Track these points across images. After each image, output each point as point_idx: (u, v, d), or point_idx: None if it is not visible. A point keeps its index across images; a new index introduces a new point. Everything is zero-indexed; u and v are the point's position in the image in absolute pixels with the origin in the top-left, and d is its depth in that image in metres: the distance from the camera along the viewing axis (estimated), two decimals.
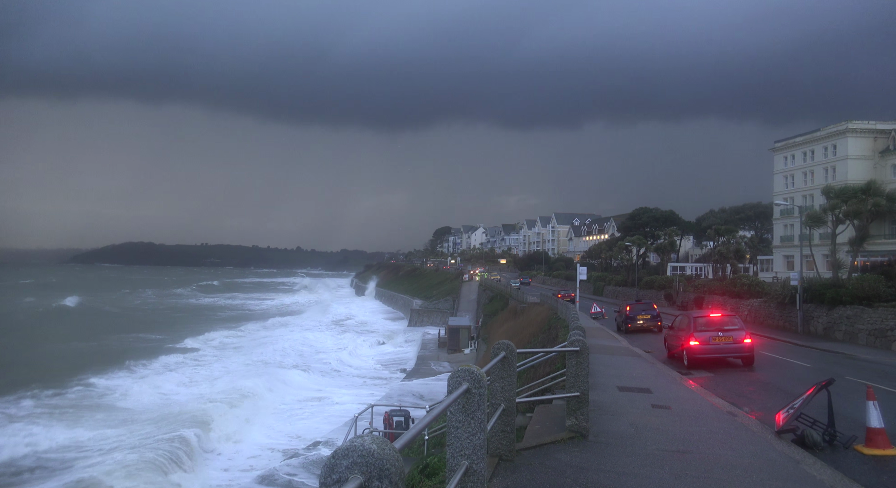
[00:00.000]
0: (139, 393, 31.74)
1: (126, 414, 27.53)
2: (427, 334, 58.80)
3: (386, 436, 18.68)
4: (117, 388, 32.83)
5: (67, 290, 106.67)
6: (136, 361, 41.03)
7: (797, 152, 65.83)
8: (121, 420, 26.43)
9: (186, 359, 44.42)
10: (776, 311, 36.10)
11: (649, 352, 23.53)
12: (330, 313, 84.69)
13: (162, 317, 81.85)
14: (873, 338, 27.09)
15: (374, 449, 2.39)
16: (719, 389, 15.40)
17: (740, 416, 11.31)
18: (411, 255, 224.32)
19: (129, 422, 25.89)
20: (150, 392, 32.29)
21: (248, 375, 36.02)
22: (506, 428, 7.11)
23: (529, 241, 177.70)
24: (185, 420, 24.87)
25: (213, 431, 24.29)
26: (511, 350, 6.94)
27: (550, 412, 10.88)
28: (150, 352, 46.51)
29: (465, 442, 4.85)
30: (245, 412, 27.73)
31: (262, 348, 49.74)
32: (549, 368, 16.21)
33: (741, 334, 19.96)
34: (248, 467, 21.97)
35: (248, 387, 31.66)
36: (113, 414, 27.54)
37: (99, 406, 29.41)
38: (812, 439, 9.64)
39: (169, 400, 31.07)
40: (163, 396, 31.99)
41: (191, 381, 36.03)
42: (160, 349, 48.45)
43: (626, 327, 33.89)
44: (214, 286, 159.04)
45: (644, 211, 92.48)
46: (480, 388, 4.83)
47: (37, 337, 54.84)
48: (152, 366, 40.00)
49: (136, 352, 45.33)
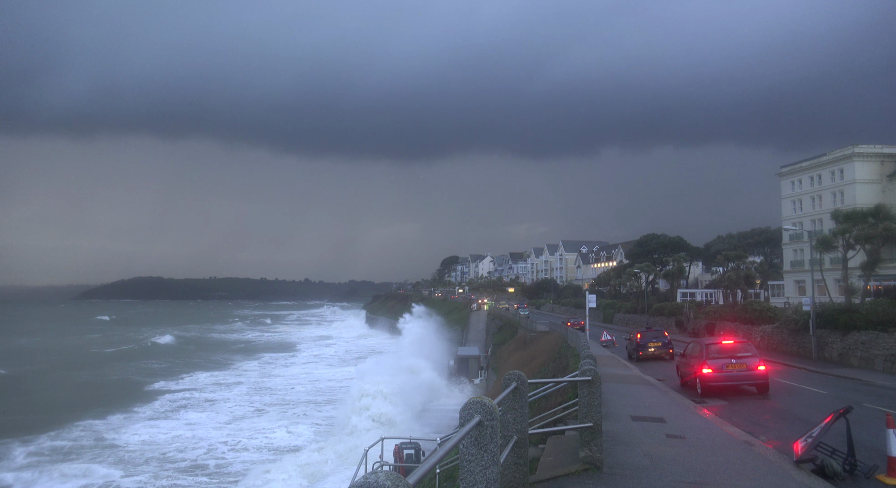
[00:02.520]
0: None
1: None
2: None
3: (397, 470, 18.43)
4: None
5: (155, 326, 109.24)
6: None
7: (804, 176, 65.82)
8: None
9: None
10: (789, 337, 35.67)
11: (662, 379, 23.25)
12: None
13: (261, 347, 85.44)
14: (890, 364, 26.65)
15: (388, 485, 2.36)
16: (734, 418, 15.15)
17: (757, 446, 11.09)
18: (419, 285, 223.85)
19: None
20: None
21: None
22: (519, 460, 6.99)
23: (537, 269, 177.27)
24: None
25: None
26: (522, 380, 6.87)
27: (563, 443, 10.71)
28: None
29: (478, 476, 4.77)
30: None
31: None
32: (561, 398, 16.01)
33: (755, 361, 19.71)
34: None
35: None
36: None
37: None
38: (832, 468, 9.42)
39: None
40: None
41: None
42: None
43: (638, 355, 33.54)
44: (265, 322, 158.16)
45: (652, 237, 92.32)
46: (493, 420, 4.77)
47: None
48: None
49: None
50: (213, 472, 27.28)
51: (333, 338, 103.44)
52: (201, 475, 26.84)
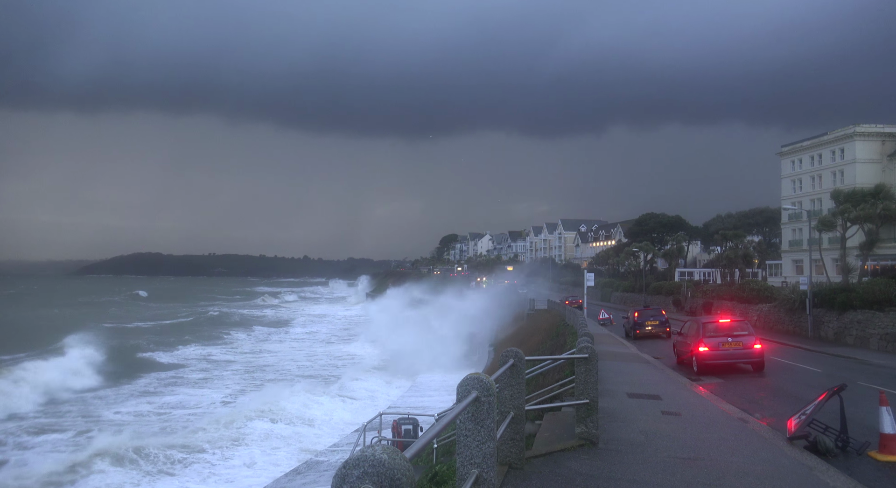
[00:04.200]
0: None
1: None
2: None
3: (395, 445, 18.60)
4: None
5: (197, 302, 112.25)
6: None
7: (804, 156, 65.57)
8: None
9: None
10: (786, 316, 35.86)
11: (658, 358, 23.41)
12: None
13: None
14: (885, 343, 26.86)
15: (385, 458, 2.39)
16: (729, 395, 15.30)
17: (751, 423, 11.22)
18: (418, 263, 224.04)
19: None
20: None
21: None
22: (515, 436, 7.08)
23: (536, 248, 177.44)
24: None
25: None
26: (520, 357, 6.92)
27: (560, 419, 10.83)
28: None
29: (474, 451, 4.83)
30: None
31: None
32: (558, 375, 16.15)
33: (751, 339, 19.84)
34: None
35: None
36: None
37: None
38: (824, 445, 9.54)
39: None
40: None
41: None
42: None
43: (635, 333, 33.74)
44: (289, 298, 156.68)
45: (651, 216, 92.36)
46: (490, 396, 4.82)
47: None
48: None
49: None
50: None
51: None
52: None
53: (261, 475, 21.90)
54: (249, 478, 21.36)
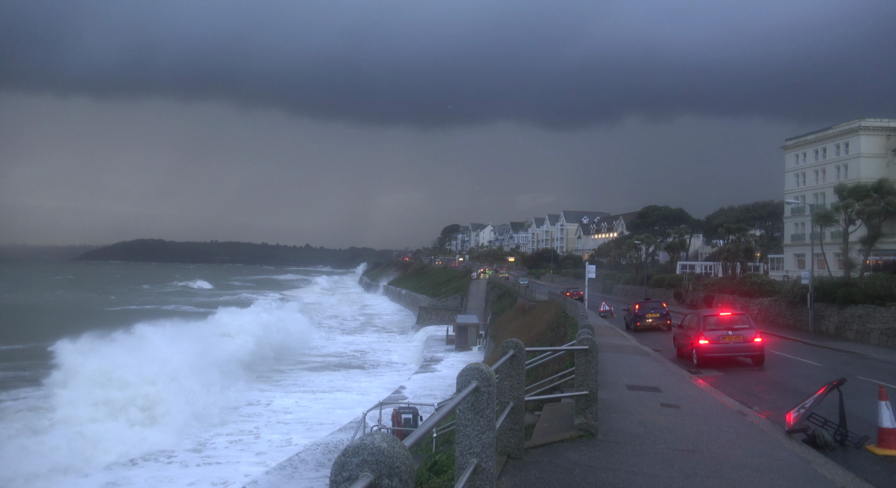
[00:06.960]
0: None
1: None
2: (432, 335, 58.68)
3: (394, 434, 18.69)
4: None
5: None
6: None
7: (809, 150, 65.30)
8: None
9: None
10: (787, 310, 35.86)
11: (658, 350, 23.44)
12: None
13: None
14: (885, 338, 26.87)
15: (384, 447, 2.39)
16: (729, 388, 15.32)
17: (750, 416, 11.25)
18: (419, 253, 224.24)
19: None
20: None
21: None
22: (514, 426, 7.10)
23: (538, 239, 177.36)
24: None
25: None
26: (520, 348, 6.93)
27: (559, 410, 10.86)
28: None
29: (473, 440, 4.85)
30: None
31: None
32: (558, 366, 16.18)
33: (751, 333, 19.84)
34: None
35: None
36: None
37: None
38: (823, 439, 9.57)
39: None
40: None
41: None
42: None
43: (635, 326, 33.77)
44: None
45: (653, 209, 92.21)
46: (489, 387, 4.83)
47: None
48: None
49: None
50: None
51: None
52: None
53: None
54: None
